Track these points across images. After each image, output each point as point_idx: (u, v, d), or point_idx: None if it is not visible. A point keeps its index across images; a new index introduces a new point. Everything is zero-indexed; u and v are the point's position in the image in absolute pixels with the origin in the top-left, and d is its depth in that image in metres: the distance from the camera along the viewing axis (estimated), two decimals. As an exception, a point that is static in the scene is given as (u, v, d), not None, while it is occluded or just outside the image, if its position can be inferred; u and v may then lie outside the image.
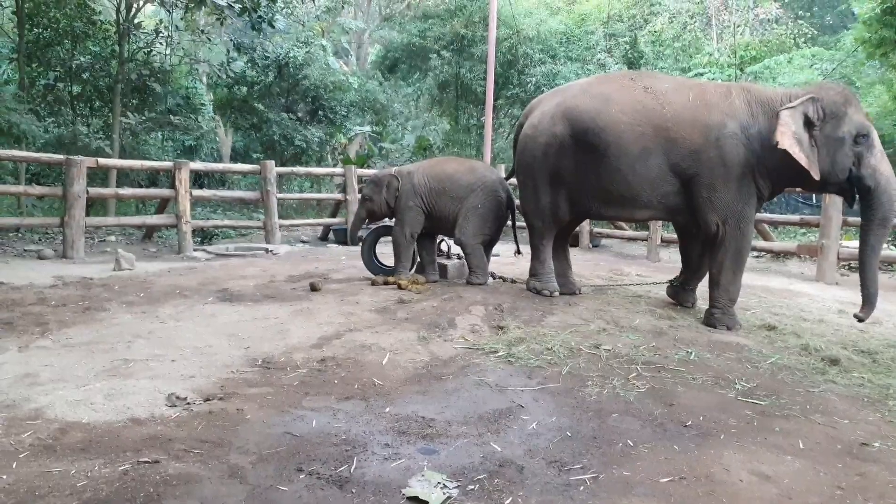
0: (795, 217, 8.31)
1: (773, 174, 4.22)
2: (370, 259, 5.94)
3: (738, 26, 14.65)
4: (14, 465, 2.17)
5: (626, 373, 3.32)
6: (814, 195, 10.43)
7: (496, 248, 8.60)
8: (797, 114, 3.98)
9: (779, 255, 8.22)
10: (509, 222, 5.72)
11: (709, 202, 4.28)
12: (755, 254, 8.36)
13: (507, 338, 3.88)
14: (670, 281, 5.06)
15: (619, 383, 3.16)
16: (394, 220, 5.71)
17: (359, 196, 5.89)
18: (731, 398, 3.02)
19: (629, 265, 7.38)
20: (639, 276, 6.28)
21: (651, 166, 4.35)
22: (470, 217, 5.38)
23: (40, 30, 10.11)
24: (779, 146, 3.90)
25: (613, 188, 4.51)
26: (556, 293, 4.96)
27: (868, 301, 3.99)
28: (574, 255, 5.98)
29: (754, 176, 4.22)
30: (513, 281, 5.60)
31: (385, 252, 6.06)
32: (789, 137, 3.91)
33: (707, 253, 4.58)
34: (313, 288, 5.19)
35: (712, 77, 12.73)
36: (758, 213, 4.66)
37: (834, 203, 6.71)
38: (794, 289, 6.08)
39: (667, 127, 4.28)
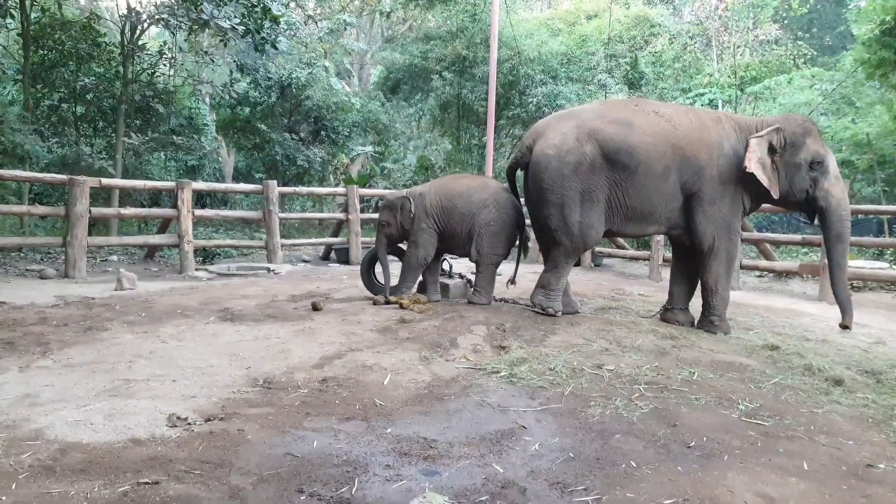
0: (797, 237, 8.32)
1: (751, 191, 4.79)
2: (369, 278, 5.92)
3: (738, 47, 14.79)
4: (13, 486, 2.16)
5: (629, 393, 3.30)
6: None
7: (499, 268, 8.63)
8: (763, 142, 4.63)
9: (781, 274, 8.21)
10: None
11: (708, 215, 4.74)
12: (757, 273, 8.36)
13: (509, 358, 3.86)
14: (664, 307, 5.22)
15: (622, 404, 3.15)
16: (407, 242, 5.65)
17: (376, 220, 5.78)
18: (734, 419, 3.00)
19: (631, 284, 7.39)
20: (641, 296, 6.27)
21: (669, 183, 4.73)
22: (484, 235, 5.37)
23: (45, 51, 10.21)
24: (747, 170, 4.54)
25: (637, 204, 4.78)
26: (560, 313, 4.96)
27: (843, 309, 4.60)
28: (576, 273, 5.99)
29: (741, 192, 4.79)
30: (514, 302, 5.58)
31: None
32: (755, 162, 4.56)
33: (694, 267, 4.98)
34: (315, 307, 5.19)
35: (713, 97, 12.83)
36: (760, 233, 5.29)
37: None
38: (796, 308, 6.07)
39: (681, 146, 4.70)
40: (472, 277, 6.42)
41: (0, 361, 3.66)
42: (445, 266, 6.27)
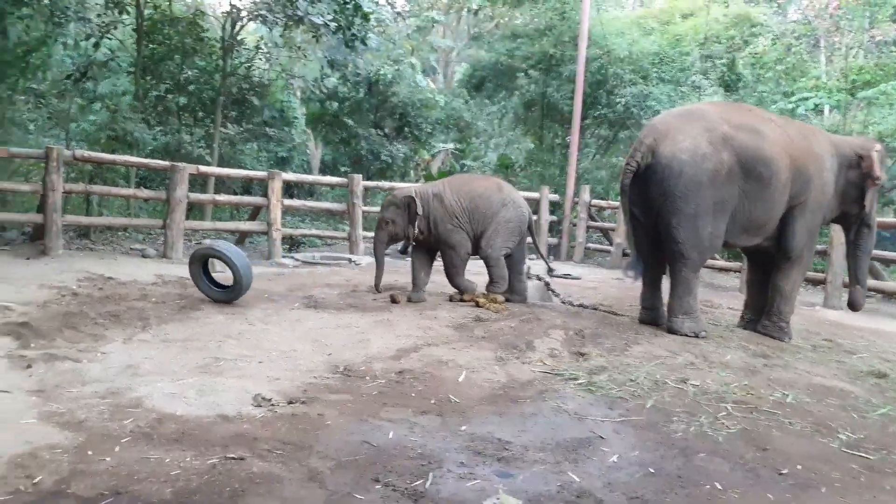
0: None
1: (835, 204, 4.94)
2: (200, 278, 5.05)
3: (851, 48, 13.79)
4: (117, 449, 2.32)
5: (715, 411, 3.15)
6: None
7: (577, 272, 8.48)
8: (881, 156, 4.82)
9: (892, 295, 7.65)
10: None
11: (804, 226, 4.74)
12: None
13: (587, 365, 3.78)
14: (741, 316, 5.16)
15: (707, 421, 3.01)
16: (440, 246, 5.51)
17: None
18: (833, 448, 2.81)
19: (720, 297, 7.07)
20: (730, 309, 5.99)
21: (785, 194, 4.62)
22: (500, 230, 5.40)
23: (155, 46, 10.86)
24: (878, 180, 4.73)
25: (758, 216, 4.63)
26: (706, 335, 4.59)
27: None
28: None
29: (829, 205, 4.88)
30: (594, 308, 5.45)
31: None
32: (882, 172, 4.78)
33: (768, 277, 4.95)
34: (393, 300, 5.27)
35: (818, 101, 12.04)
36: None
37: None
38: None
39: (796, 157, 4.60)
40: (550, 279, 6.36)
41: (107, 332, 3.95)
42: (524, 267, 6.21)
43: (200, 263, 5.03)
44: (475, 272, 5.84)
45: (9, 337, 3.70)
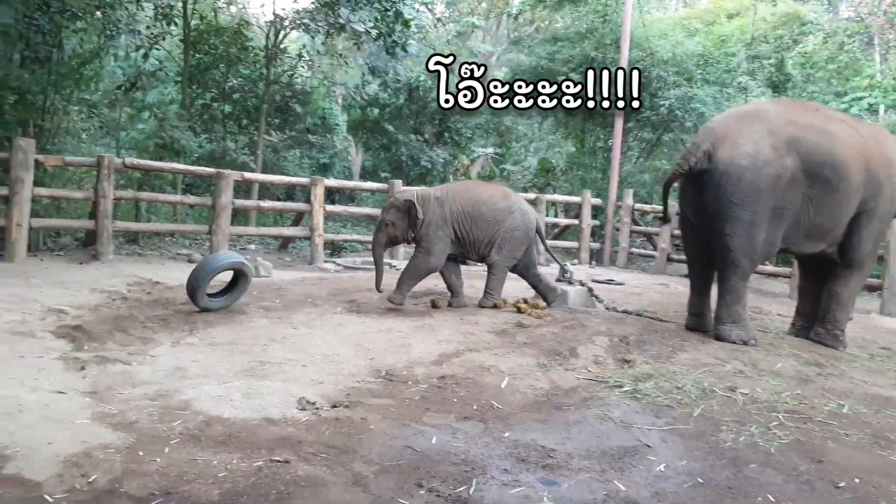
0: None
1: None
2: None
3: (907, 46, 13.29)
4: (166, 450, 2.37)
5: (767, 421, 3.05)
6: None
7: (620, 277, 8.34)
8: None
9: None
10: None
11: (871, 233, 4.56)
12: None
13: (633, 372, 3.71)
14: (792, 323, 5.00)
15: (759, 431, 2.91)
16: (417, 246, 5.40)
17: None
18: (893, 461, 2.68)
19: (769, 303, 6.86)
20: (780, 316, 5.81)
21: (855, 199, 4.42)
22: (508, 239, 5.32)
23: (201, 56, 11.19)
24: None
25: (823, 221, 4.41)
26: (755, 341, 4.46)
27: None
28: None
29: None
30: (638, 314, 5.35)
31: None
32: None
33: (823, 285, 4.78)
34: (434, 305, 5.27)
35: (873, 101, 11.62)
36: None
37: None
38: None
39: (868, 160, 4.40)
40: (593, 285, 6.26)
41: (156, 335, 4.06)
42: (566, 272, 6.15)
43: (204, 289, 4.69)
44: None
45: (64, 339, 3.84)
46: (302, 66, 12.68)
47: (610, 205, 10.79)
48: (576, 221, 10.90)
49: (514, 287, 6.04)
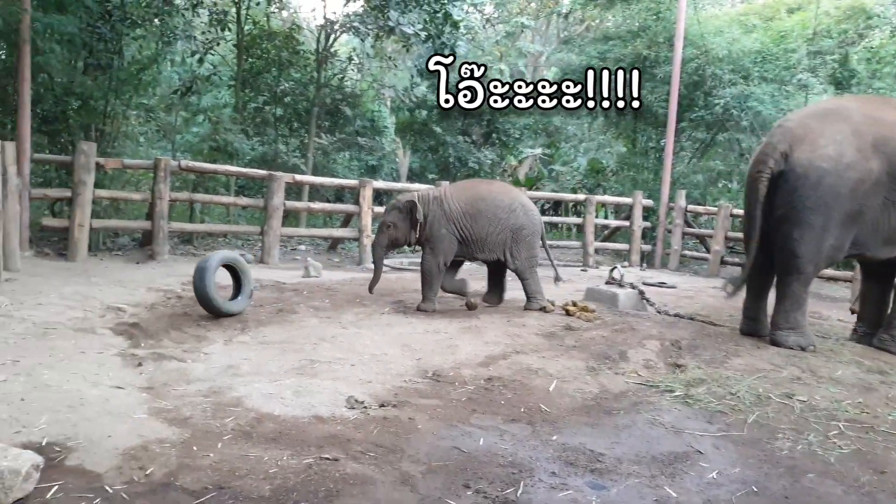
0: None
1: None
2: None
3: (981, 39, 12.54)
4: (219, 446, 2.43)
5: (826, 429, 2.93)
6: None
7: (672, 280, 8.15)
8: None
9: None
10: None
11: None
12: None
13: (684, 377, 3.62)
14: (854, 329, 4.77)
15: (817, 440, 2.81)
16: (423, 248, 5.37)
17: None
18: (964, 475, 2.54)
19: (828, 308, 6.58)
20: (840, 321, 5.57)
21: None
22: (520, 242, 5.25)
23: (254, 60, 11.49)
24: None
25: None
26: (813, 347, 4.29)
27: None
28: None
29: None
30: (691, 318, 5.21)
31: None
32: None
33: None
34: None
35: (943, 98, 11.01)
36: None
37: None
38: None
39: None
40: (644, 288, 6.14)
41: (209, 334, 4.18)
42: (616, 275, 6.04)
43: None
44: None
45: (122, 336, 3.99)
46: (351, 69, 12.86)
47: (662, 206, 10.56)
48: (626, 223, 10.71)
49: (563, 290, 5.99)
